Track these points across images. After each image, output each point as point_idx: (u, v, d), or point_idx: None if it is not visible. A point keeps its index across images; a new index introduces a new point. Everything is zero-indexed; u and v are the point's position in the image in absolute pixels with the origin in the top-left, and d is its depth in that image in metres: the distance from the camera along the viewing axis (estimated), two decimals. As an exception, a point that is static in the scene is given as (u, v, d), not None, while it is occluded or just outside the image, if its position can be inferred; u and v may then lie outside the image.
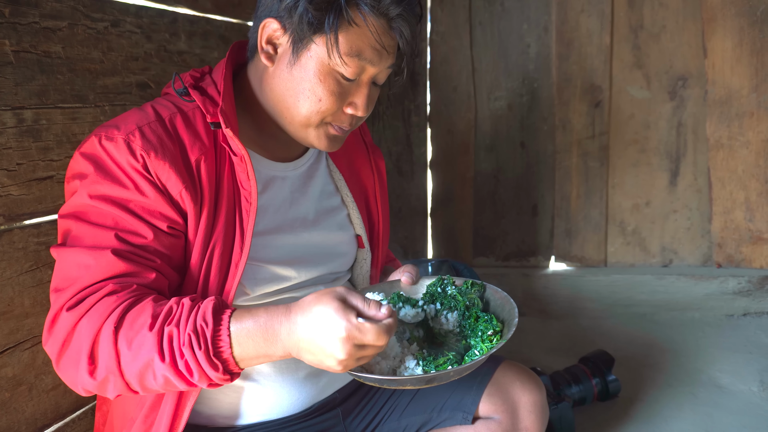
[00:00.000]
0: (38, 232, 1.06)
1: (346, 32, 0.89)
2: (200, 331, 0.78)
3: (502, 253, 2.63)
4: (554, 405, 1.56)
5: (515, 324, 0.90)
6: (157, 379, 0.79)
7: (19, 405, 1.04)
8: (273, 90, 0.96)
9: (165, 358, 0.77)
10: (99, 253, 0.82)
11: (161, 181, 0.87)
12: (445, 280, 1.02)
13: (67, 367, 0.82)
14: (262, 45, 0.94)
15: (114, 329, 0.78)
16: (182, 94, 0.96)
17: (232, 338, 0.79)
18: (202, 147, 0.92)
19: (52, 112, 1.09)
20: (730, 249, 2.42)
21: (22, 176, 1.03)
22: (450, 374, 0.83)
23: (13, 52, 1.01)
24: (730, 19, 2.27)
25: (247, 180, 0.92)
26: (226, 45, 1.64)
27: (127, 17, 1.28)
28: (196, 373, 0.78)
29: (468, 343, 0.92)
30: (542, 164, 2.54)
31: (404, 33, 0.92)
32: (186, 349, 0.77)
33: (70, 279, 0.83)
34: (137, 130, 0.88)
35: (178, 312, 0.80)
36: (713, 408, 1.76)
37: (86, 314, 0.80)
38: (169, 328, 0.78)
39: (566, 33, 2.43)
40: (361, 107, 0.96)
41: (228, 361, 0.79)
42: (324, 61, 0.91)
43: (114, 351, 0.79)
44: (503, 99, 2.52)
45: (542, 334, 2.33)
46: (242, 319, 0.80)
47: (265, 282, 0.98)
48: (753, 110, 2.30)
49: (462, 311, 0.96)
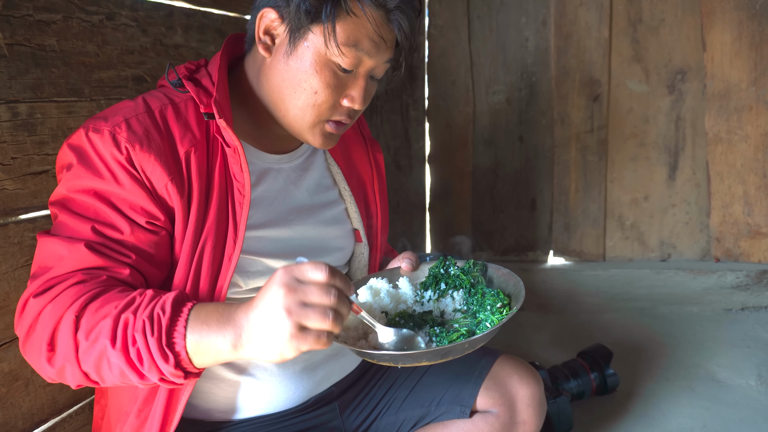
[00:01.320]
0: (34, 227, 1.06)
1: (343, 22, 0.88)
2: (156, 318, 0.75)
3: (500, 247, 2.63)
4: (552, 399, 1.56)
5: (522, 293, 0.91)
6: (112, 369, 0.77)
7: (16, 400, 1.04)
8: (269, 81, 0.96)
9: (116, 344, 0.75)
10: (73, 245, 0.82)
11: (146, 173, 0.86)
12: (447, 261, 1.02)
13: (31, 352, 0.82)
14: (260, 35, 0.94)
15: (75, 318, 0.77)
16: (176, 86, 0.95)
17: (188, 329, 0.75)
18: (193, 139, 0.91)
19: (47, 106, 1.08)
20: (729, 243, 2.42)
21: (17, 170, 1.02)
22: (465, 346, 0.82)
23: (6, 45, 1.01)
24: (729, 13, 2.26)
25: (241, 172, 0.92)
26: (222, 39, 1.63)
27: (123, 10, 1.27)
28: (146, 362, 0.75)
29: (477, 318, 0.92)
30: (541, 158, 2.53)
31: (403, 26, 0.92)
32: (138, 334, 0.74)
33: (44, 267, 0.83)
34: (124, 122, 0.87)
35: (139, 301, 0.78)
36: (711, 402, 1.76)
37: (51, 301, 0.79)
38: (125, 314, 0.76)
39: (565, 26, 2.42)
40: (357, 99, 0.95)
41: (180, 355, 0.75)
42: (321, 51, 0.90)
43: (73, 340, 0.77)
44: (502, 93, 2.51)
45: (540, 328, 2.33)
46: (202, 309, 0.77)
47: (258, 275, 0.97)
48: (752, 104, 2.30)
49: (468, 289, 0.97)
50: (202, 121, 0.94)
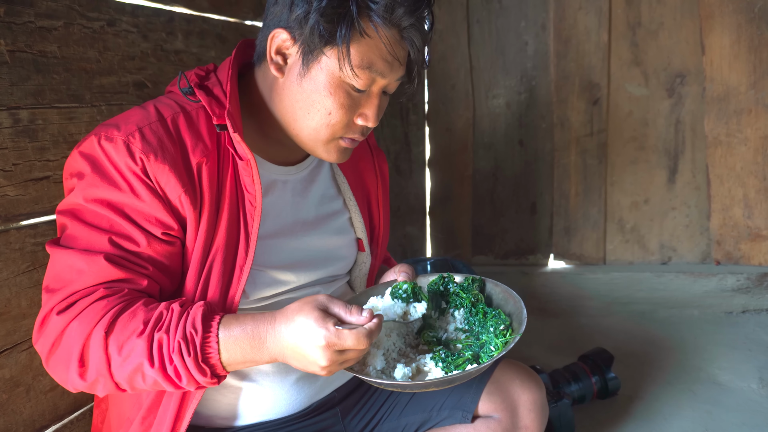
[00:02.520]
0: (35, 233, 1.06)
1: (357, 44, 0.88)
2: (189, 338, 0.80)
3: (501, 251, 2.63)
4: (554, 403, 1.56)
5: (525, 315, 0.92)
6: (146, 381, 0.82)
7: (17, 407, 1.04)
8: (282, 101, 0.95)
9: (155, 364, 0.79)
10: (92, 258, 0.82)
11: (160, 185, 0.86)
12: (445, 278, 1.02)
13: (57, 367, 0.83)
14: (272, 56, 0.92)
15: (104, 334, 0.80)
16: (187, 93, 0.94)
17: (221, 344, 0.81)
18: (205, 149, 0.91)
19: (48, 112, 1.08)
20: (729, 246, 2.42)
21: (18, 176, 1.02)
22: (472, 373, 0.85)
23: (8, 52, 1.01)
24: (727, 16, 2.27)
25: (252, 184, 0.92)
26: (223, 44, 1.64)
27: (123, 16, 1.28)
28: (184, 378, 0.81)
29: (481, 340, 0.93)
30: (541, 162, 2.53)
31: (416, 42, 0.91)
32: (175, 355, 0.79)
33: (62, 281, 0.83)
34: (137, 131, 0.86)
35: (167, 318, 0.81)
36: (713, 405, 1.76)
37: (76, 318, 0.81)
38: (159, 334, 0.80)
39: (564, 30, 2.42)
40: (371, 118, 0.95)
41: (216, 366, 0.82)
42: (335, 74, 0.90)
43: (104, 355, 0.80)
44: (501, 97, 2.52)
45: (541, 332, 2.33)
46: (230, 326, 0.82)
47: (264, 286, 0.97)
48: (751, 107, 2.30)
49: (468, 308, 0.97)
50: (213, 130, 0.93)
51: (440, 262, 2.17)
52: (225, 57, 1.63)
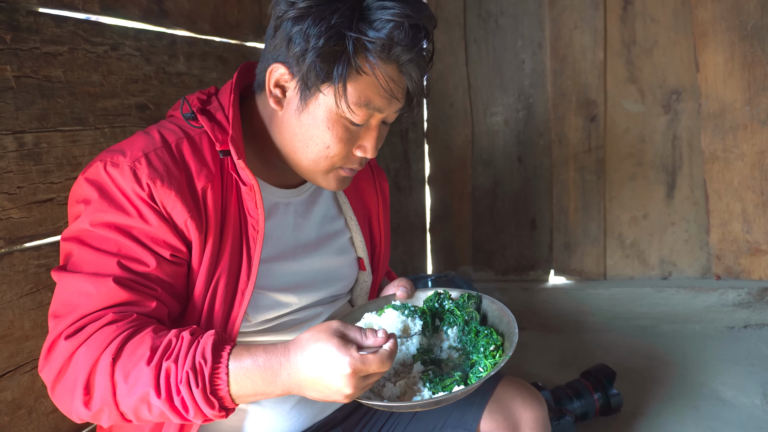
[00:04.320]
0: (38, 255, 1.07)
1: (354, 82, 0.88)
2: (198, 369, 0.78)
3: (501, 267, 2.63)
4: (556, 420, 1.55)
5: (516, 336, 0.90)
6: (152, 412, 0.80)
7: (19, 429, 1.04)
8: (281, 133, 0.96)
9: (161, 394, 0.77)
10: (100, 281, 0.82)
11: (166, 210, 0.86)
12: (441, 294, 1.02)
13: (63, 395, 0.81)
14: (270, 88, 0.93)
15: (112, 360, 0.78)
16: (189, 119, 0.95)
17: (230, 376, 0.79)
18: (209, 174, 0.91)
19: (53, 136, 1.10)
20: (729, 261, 2.43)
21: (22, 199, 1.03)
22: (458, 395, 0.84)
23: (14, 78, 1.03)
24: (721, 34, 2.30)
25: (255, 209, 0.92)
26: (224, 65, 1.66)
27: (127, 40, 1.30)
28: (191, 410, 0.79)
29: (471, 360, 0.92)
30: (539, 178, 2.55)
31: (414, 76, 0.90)
32: (183, 386, 0.77)
33: (69, 306, 0.82)
34: (143, 157, 0.87)
35: (177, 346, 0.80)
36: (716, 422, 1.75)
37: (84, 343, 0.80)
38: (167, 363, 0.78)
39: (560, 49, 2.46)
40: (370, 150, 0.95)
41: (224, 399, 0.80)
42: (332, 109, 0.90)
43: (110, 383, 0.78)
44: (499, 114, 2.54)
45: (543, 348, 2.32)
46: (241, 358, 0.80)
47: (266, 309, 0.97)
48: (747, 123, 2.32)
49: (461, 326, 0.96)
50: (216, 154, 0.94)
51: (441, 279, 2.17)
52: (226, 78, 1.65)
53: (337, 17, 0.84)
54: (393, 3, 0.85)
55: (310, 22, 0.85)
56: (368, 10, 0.86)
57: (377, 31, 0.85)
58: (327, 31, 0.84)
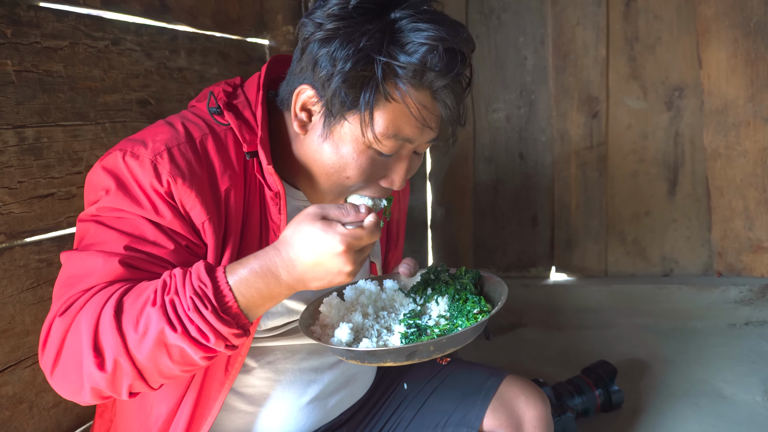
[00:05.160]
0: (39, 250, 1.07)
1: (383, 109, 0.83)
2: (201, 293, 0.74)
3: (502, 264, 2.63)
4: (557, 417, 1.55)
5: (503, 301, 0.87)
6: (172, 356, 0.75)
7: (20, 423, 1.04)
8: (303, 156, 0.92)
9: (176, 328, 0.73)
10: (108, 258, 0.79)
11: (185, 208, 0.83)
12: (438, 267, 1.00)
13: (65, 375, 0.77)
14: (296, 111, 0.88)
15: (114, 313, 0.74)
16: (214, 113, 0.90)
17: (234, 291, 0.76)
18: (233, 175, 0.88)
19: (53, 130, 1.10)
20: (731, 258, 2.42)
21: (23, 194, 1.03)
22: (430, 348, 0.80)
23: (15, 72, 1.02)
24: (724, 31, 2.29)
25: (278, 214, 0.90)
26: (225, 61, 1.66)
27: (128, 35, 1.30)
28: (210, 336, 0.74)
29: (456, 324, 0.88)
30: (541, 175, 2.54)
31: (448, 104, 0.84)
32: (193, 313, 0.73)
33: (71, 282, 0.80)
34: (166, 151, 0.83)
35: (172, 282, 0.76)
36: (717, 419, 1.75)
37: (81, 310, 0.76)
38: (169, 296, 0.74)
39: (562, 45, 2.45)
40: (398, 183, 0.90)
41: (238, 315, 0.76)
42: (358, 139, 0.85)
43: (119, 336, 0.74)
44: (501, 111, 2.53)
45: (544, 345, 2.32)
46: (236, 271, 0.76)
47: (277, 316, 0.96)
48: (749, 120, 2.32)
49: (452, 295, 0.94)
50: (240, 154, 0.90)
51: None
52: (227, 74, 1.65)
53: (366, 40, 0.80)
54: (427, 25, 0.80)
55: (337, 45, 0.80)
56: (400, 33, 0.81)
57: (409, 55, 0.79)
58: (354, 54, 0.80)
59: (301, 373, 1.02)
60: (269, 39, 1.91)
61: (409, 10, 0.82)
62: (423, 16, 0.81)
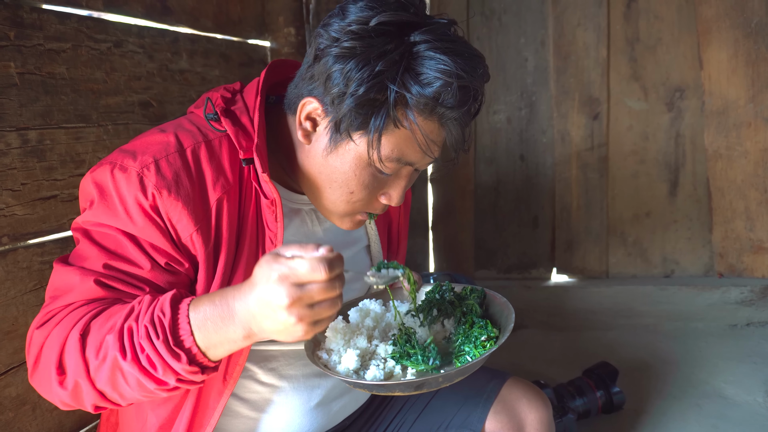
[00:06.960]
0: (42, 251, 1.07)
1: (390, 135, 0.83)
2: (158, 322, 0.73)
3: (503, 265, 2.63)
4: (558, 418, 1.55)
5: (510, 329, 0.87)
6: (128, 381, 0.75)
7: (23, 425, 1.04)
8: (306, 167, 0.91)
9: (126, 355, 0.73)
10: (85, 276, 0.80)
11: (171, 221, 0.83)
12: (443, 286, 1.01)
13: (41, 380, 0.80)
14: (301, 120, 0.87)
15: (80, 336, 0.75)
16: (211, 119, 0.90)
17: (192, 325, 0.73)
18: (226, 184, 0.87)
19: (56, 132, 1.10)
20: (732, 259, 2.42)
21: (26, 196, 1.04)
22: (439, 380, 0.80)
23: (18, 74, 1.03)
24: (724, 31, 2.29)
25: (275, 222, 0.89)
26: (227, 62, 1.66)
27: (130, 37, 1.30)
28: (159, 367, 0.73)
29: (464, 351, 0.89)
30: (542, 176, 2.55)
31: (454, 134, 0.85)
32: (144, 341, 0.73)
33: (55, 292, 0.82)
34: (153, 163, 0.83)
35: (137, 308, 0.76)
36: (719, 419, 1.75)
37: (55, 327, 0.78)
38: (128, 323, 0.74)
39: (563, 47, 2.45)
40: (395, 199, 0.91)
41: (191, 350, 0.74)
42: (362, 157, 0.85)
43: (81, 360, 0.75)
44: (502, 112, 2.54)
45: (545, 346, 2.32)
46: (200, 304, 0.74)
47: None
48: (750, 120, 2.32)
49: (458, 318, 0.94)
50: (236, 161, 0.89)
51: (443, 277, 2.17)
52: (229, 75, 1.66)
53: (383, 65, 0.78)
54: (444, 57, 0.79)
55: (353, 65, 0.79)
56: (416, 59, 0.80)
57: (422, 87, 0.79)
58: (369, 78, 0.78)
59: (304, 378, 1.02)
60: (270, 41, 1.92)
61: (430, 35, 0.80)
62: (442, 45, 0.80)
